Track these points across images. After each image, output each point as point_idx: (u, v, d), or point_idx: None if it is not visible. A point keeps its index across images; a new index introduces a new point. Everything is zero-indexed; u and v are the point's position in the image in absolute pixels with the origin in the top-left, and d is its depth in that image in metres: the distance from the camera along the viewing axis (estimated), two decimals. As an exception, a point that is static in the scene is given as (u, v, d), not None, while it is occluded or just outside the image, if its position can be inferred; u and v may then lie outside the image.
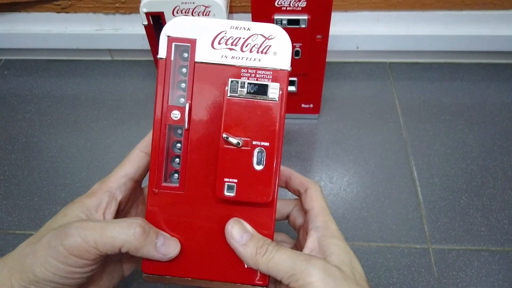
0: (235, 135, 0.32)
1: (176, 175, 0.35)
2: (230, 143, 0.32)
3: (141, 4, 0.54)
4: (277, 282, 0.34)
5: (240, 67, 0.33)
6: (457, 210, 0.58)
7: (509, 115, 0.70)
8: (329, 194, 0.60)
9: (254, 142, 0.32)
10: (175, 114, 0.34)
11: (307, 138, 0.67)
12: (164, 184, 0.35)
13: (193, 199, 0.34)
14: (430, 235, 0.55)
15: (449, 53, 0.78)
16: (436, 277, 0.51)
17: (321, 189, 0.38)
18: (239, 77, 0.33)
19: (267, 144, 0.32)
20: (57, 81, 0.79)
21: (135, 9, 0.74)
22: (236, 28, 0.33)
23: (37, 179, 0.64)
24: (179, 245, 0.34)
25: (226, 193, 0.33)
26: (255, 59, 0.33)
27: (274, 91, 0.32)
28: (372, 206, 0.58)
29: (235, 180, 0.33)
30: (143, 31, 0.57)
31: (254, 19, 0.58)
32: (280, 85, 0.32)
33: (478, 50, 0.76)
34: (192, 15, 0.55)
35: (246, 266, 0.34)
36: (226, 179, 0.33)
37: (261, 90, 0.32)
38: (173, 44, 0.34)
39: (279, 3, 0.55)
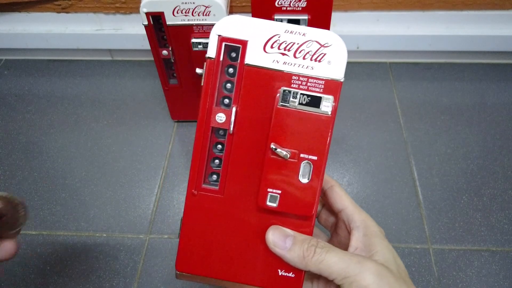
0: (282, 146, 0.31)
1: (214, 176, 0.34)
2: (278, 155, 0.31)
3: (141, 4, 0.54)
4: (315, 277, 0.34)
5: (291, 74, 0.31)
6: (457, 210, 0.58)
7: (509, 115, 0.70)
8: (329, 194, 0.60)
9: (301, 155, 0.31)
10: (220, 117, 0.33)
11: (307, 138, 0.67)
12: (203, 186, 0.34)
13: (232, 204, 0.34)
14: (430, 235, 0.55)
15: (449, 53, 0.78)
16: (436, 277, 0.51)
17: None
18: (290, 84, 0.31)
19: (315, 158, 0.31)
20: (57, 81, 0.79)
21: (135, 9, 0.74)
22: (291, 32, 0.31)
23: (37, 179, 0.64)
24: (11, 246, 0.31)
25: (268, 203, 0.32)
26: (307, 66, 0.31)
27: (327, 104, 0.31)
28: (372, 206, 0.58)
29: (279, 191, 0.32)
30: (143, 31, 0.57)
31: (254, 19, 0.58)
32: (333, 98, 0.31)
33: (478, 50, 0.76)
34: (192, 15, 0.55)
35: (280, 273, 0.34)
36: (269, 189, 0.32)
37: (314, 102, 0.31)
38: (224, 44, 0.32)
39: (279, 3, 0.55)
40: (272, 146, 0.31)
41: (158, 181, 0.63)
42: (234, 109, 0.32)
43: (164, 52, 0.59)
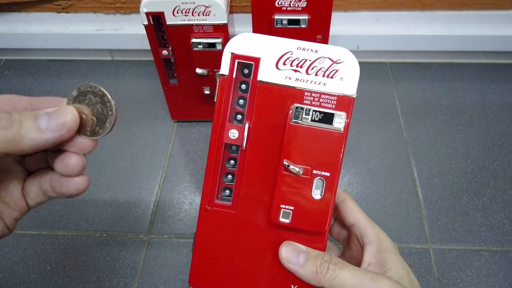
0: (295, 162, 0.31)
1: (227, 191, 0.35)
2: (290, 171, 0.31)
3: (141, 4, 0.54)
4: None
5: (303, 90, 0.32)
6: (457, 210, 0.58)
7: (509, 115, 0.70)
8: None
9: (314, 171, 0.31)
10: (233, 133, 0.33)
11: (307, 138, 0.67)
12: (216, 201, 0.34)
13: (245, 220, 0.34)
14: (431, 235, 0.55)
15: (449, 53, 0.78)
16: (437, 277, 0.51)
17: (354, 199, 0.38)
18: (302, 100, 0.32)
19: (327, 174, 0.31)
20: (57, 81, 0.79)
21: (135, 9, 0.74)
22: (303, 49, 0.32)
23: (37, 179, 0.64)
24: (73, 109, 0.27)
25: (281, 219, 0.32)
26: (320, 83, 0.32)
27: (340, 120, 0.31)
28: (372, 206, 0.58)
29: (292, 208, 0.32)
30: (143, 31, 0.57)
31: (254, 19, 0.58)
32: (346, 114, 0.31)
33: (478, 50, 0.76)
34: (192, 15, 0.55)
35: None
36: (282, 206, 0.32)
37: (327, 118, 0.31)
38: (236, 61, 0.32)
39: (279, 3, 0.55)
40: (285, 162, 0.31)
41: (158, 181, 0.63)
42: (247, 126, 0.33)
43: (164, 52, 0.59)
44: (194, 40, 0.57)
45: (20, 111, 0.26)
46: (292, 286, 0.33)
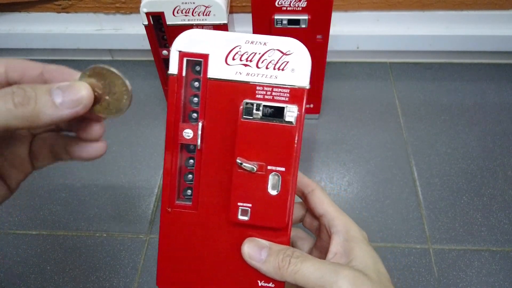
0: (249, 159, 0.31)
1: (189, 191, 0.35)
2: (244, 169, 0.31)
3: (142, 4, 0.54)
4: (295, 286, 0.34)
5: (255, 85, 0.31)
6: (457, 210, 0.58)
7: (509, 115, 0.70)
8: (329, 194, 0.60)
9: (269, 167, 0.31)
10: (188, 133, 0.33)
11: (307, 138, 0.67)
12: (177, 202, 0.34)
13: (207, 219, 0.34)
14: (431, 235, 0.55)
15: (449, 53, 0.78)
16: (437, 277, 0.51)
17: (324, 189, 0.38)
18: (254, 94, 0.31)
19: (282, 169, 0.31)
20: (57, 81, 0.79)
21: (135, 9, 0.74)
22: (252, 42, 0.31)
23: (37, 179, 0.64)
24: (87, 85, 0.27)
25: (239, 217, 0.32)
26: (271, 76, 0.31)
27: (291, 114, 0.30)
28: (372, 206, 0.58)
29: (249, 205, 0.32)
30: (144, 31, 0.57)
31: (255, 19, 0.58)
32: (298, 107, 0.31)
33: (478, 50, 0.76)
34: (193, 15, 0.55)
35: (260, 284, 0.33)
36: (239, 203, 0.32)
37: (278, 112, 0.30)
38: (185, 59, 0.32)
39: (279, 3, 0.55)
40: (238, 160, 0.31)
41: (158, 181, 0.64)
42: (200, 125, 0.32)
43: (164, 52, 0.59)
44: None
45: (33, 85, 0.25)
46: (259, 281, 0.33)
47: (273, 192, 0.31)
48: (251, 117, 0.31)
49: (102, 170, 0.64)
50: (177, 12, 0.55)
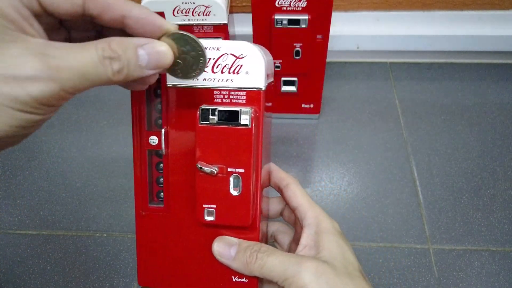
0: (210, 163, 0.32)
1: (162, 193, 0.36)
2: (205, 172, 0.32)
3: (142, 4, 0.54)
4: (267, 280, 0.34)
5: (212, 89, 0.32)
6: (457, 210, 0.58)
7: (509, 115, 0.70)
8: (329, 194, 0.60)
9: (229, 169, 0.32)
10: (153, 140, 0.34)
11: (307, 138, 0.67)
12: (150, 205, 0.36)
13: (179, 220, 0.35)
14: (431, 235, 0.55)
15: (449, 53, 0.78)
16: (437, 277, 0.51)
17: (299, 183, 0.38)
18: (213, 99, 0.32)
19: (242, 170, 0.32)
20: (57, 81, 0.79)
21: (135, 9, 0.74)
22: (205, 48, 0.30)
23: (37, 179, 0.64)
24: (169, 48, 0.27)
25: (206, 217, 0.33)
26: (227, 79, 0.32)
27: (245, 117, 0.31)
28: (372, 206, 0.58)
29: (214, 206, 0.33)
30: (143, 31, 0.57)
31: (255, 19, 0.58)
32: (253, 109, 0.31)
33: (478, 50, 0.76)
34: (193, 15, 0.55)
35: (234, 280, 0.34)
36: (204, 205, 0.33)
37: (233, 116, 0.31)
38: None
39: (279, 3, 0.55)
40: (198, 165, 0.32)
41: (158, 181, 0.63)
42: (163, 131, 0.33)
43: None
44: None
45: (123, 43, 0.24)
46: (233, 277, 0.34)
47: (235, 193, 0.32)
48: (208, 122, 0.31)
49: (102, 170, 0.64)
50: (177, 12, 0.55)
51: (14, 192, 0.62)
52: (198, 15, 0.55)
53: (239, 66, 0.31)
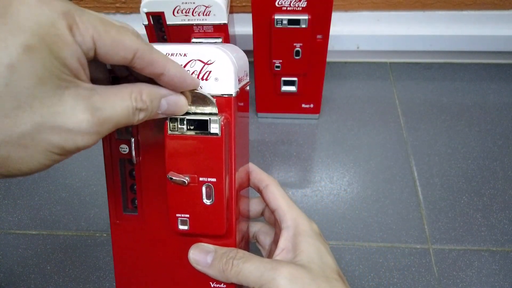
0: (181, 172, 0.31)
1: (136, 201, 0.35)
2: (176, 183, 0.31)
3: (142, 4, 0.54)
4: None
5: None
6: (457, 210, 0.58)
7: (509, 115, 0.70)
8: (329, 194, 0.60)
9: (201, 179, 0.31)
10: (123, 148, 0.33)
11: (307, 138, 0.67)
12: (125, 213, 0.35)
13: (154, 228, 0.35)
14: (431, 235, 0.55)
15: (449, 53, 0.78)
16: (437, 277, 0.51)
17: (279, 184, 0.38)
18: None
19: (214, 180, 0.31)
20: (57, 81, 0.79)
21: (135, 9, 0.74)
22: (172, 55, 0.30)
23: (37, 179, 0.64)
24: (186, 105, 0.30)
25: (180, 227, 0.33)
26: None
27: (215, 125, 0.30)
28: (372, 206, 0.58)
29: (187, 215, 0.32)
30: (144, 31, 0.57)
31: (255, 19, 0.58)
32: (223, 116, 0.30)
33: (478, 50, 0.76)
34: (193, 15, 0.55)
35: (212, 286, 0.34)
36: (178, 215, 0.32)
37: (202, 125, 0.30)
38: (111, 76, 0.31)
39: (279, 3, 0.55)
40: (169, 176, 0.31)
41: (158, 181, 0.63)
42: (132, 140, 0.33)
43: (164, 52, 0.59)
44: (194, 40, 0.57)
45: (152, 94, 0.27)
46: (211, 283, 0.34)
47: (208, 202, 0.32)
48: (177, 132, 0.31)
49: (102, 170, 0.64)
50: (177, 12, 0.55)
51: (14, 192, 0.62)
52: (198, 15, 0.55)
53: (208, 72, 0.30)
